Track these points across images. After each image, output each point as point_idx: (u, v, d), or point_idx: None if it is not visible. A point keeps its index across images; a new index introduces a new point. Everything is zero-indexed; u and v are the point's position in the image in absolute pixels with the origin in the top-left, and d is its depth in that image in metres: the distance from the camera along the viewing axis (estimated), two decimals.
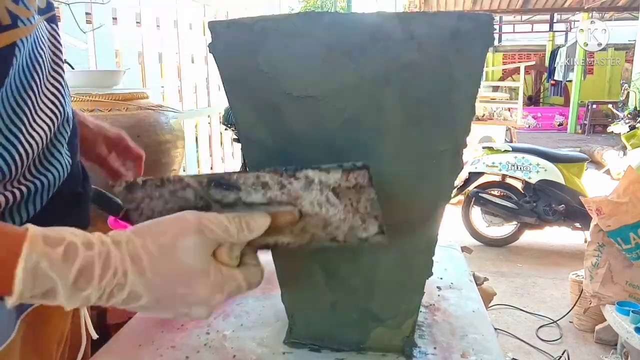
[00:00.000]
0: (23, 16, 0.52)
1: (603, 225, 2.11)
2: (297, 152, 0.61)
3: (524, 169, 3.75)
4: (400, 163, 0.59)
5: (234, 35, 0.58)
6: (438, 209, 0.61)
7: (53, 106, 0.59)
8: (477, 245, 3.91)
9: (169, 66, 2.64)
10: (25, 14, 0.52)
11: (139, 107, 1.35)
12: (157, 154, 1.32)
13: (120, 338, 0.72)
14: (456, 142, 0.57)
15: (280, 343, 0.69)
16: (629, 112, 6.16)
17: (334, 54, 0.56)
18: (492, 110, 6.89)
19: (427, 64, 0.55)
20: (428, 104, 0.56)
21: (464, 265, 0.99)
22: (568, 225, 3.77)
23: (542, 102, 13.05)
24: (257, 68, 0.58)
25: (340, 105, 0.58)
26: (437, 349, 0.67)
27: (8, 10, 0.50)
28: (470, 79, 0.55)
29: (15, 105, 0.52)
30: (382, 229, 0.52)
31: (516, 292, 3.14)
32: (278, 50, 0.57)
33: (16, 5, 0.51)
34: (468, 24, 0.53)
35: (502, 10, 9.69)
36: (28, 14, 0.53)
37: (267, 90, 0.59)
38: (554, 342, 2.58)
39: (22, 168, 0.53)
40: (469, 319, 0.76)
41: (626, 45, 11.39)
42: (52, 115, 0.58)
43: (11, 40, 0.51)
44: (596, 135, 10.48)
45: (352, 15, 0.56)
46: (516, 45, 13.83)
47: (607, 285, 2.17)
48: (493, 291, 1.82)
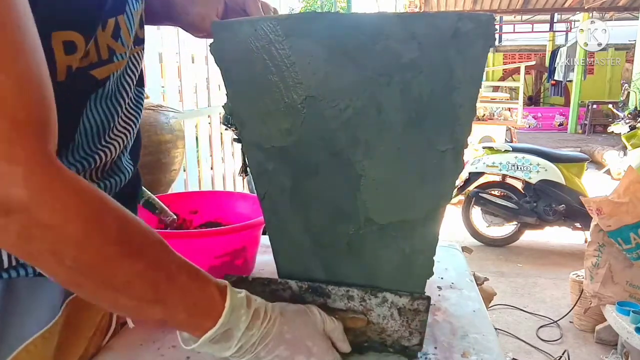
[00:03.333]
0: (118, 52, 0.58)
1: (603, 225, 2.11)
2: (297, 152, 0.61)
3: (524, 169, 3.75)
4: (400, 163, 0.59)
5: (236, 36, 0.58)
6: (439, 208, 0.61)
7: (128, 126, 0.64)
8: (477, 245, 3.91)
9: (169, 66, 2.63)
10: (120, 50, 0.58)
11: None
12: (157, 154, 1.32)
13: (122, 337, 0.72)
14: (457, 142, 0.57)
15: None
16: (629, 112, 6.16)
17: (334, 55, 0.56)
18: (492, 110, 6.90)
19: (428, 64, 0.55)
20: (429, 104, 0.56)
21: (465, 265, 0.99)
22: (568, 225, 3.76)
23: (542, 102, 13.05)
24: (258, 68, 0.59)
25: (341, 105, 0.58)
26: (437, 349, 0.67)
27: (108, 47, 0.56)
28: (471, 79, 0.55)
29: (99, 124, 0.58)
30: (421, 342, 0.64)
31: (516, 292, 3.14)
32: (279, 50, 0.57)
33: (115, 42, 0.57)
34: (468, 24, 0.53)
35: (502, 10, 9.69)
36: (122, 50, 0.58)
37: (269, 90, 0.59)
38: (554, 342, 2.58)
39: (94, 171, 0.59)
40: (469, 319, 0.76)
41: (626, 45, 11.39)
42: (126, 132, 0.64)
43: (108, 73, 0.57)
44: (596, 135, 10.47)
45: (352, 16, 0.56)
46: (516, 45, 13.83)
47: (608, 285, 2.17)
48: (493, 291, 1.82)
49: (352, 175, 0.60)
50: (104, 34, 0.55)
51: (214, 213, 0.99)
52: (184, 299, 0.49)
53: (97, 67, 0.55)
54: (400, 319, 0.63)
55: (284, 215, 0.66)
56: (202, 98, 3.08)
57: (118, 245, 0.44)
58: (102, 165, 0.60)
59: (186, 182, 2.71)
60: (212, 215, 0.99)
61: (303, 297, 0.64)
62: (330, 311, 0.63)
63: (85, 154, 0.57)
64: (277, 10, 0.78)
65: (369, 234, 0.63)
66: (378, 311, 0.63)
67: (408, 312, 0.63)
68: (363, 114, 0.57)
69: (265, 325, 0.54)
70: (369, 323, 0.64)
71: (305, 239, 0.65)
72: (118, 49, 0.58)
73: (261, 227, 0.88)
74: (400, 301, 0.63)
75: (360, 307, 0.64)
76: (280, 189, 0.64)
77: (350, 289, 0.63)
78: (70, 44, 0.49)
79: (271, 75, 0.58)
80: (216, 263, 0.81)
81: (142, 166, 1.28)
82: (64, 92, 0.48)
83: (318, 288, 0.64)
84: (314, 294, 0.64)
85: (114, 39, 0.57)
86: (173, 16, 0.76)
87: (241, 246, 0.84)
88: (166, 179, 1.39)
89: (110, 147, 0.60)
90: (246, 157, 0.65)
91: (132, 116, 0.65)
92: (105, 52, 0.56)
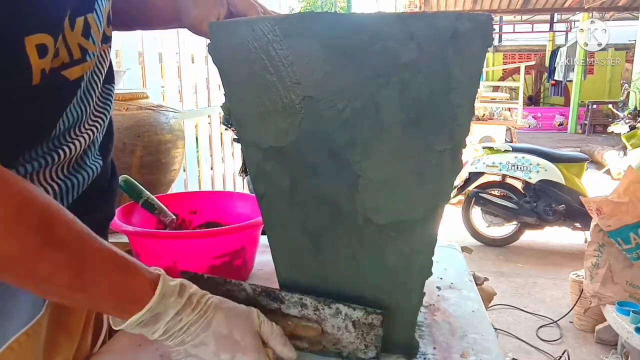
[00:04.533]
0: (90, 51, 0.58)
1: (603, 225, 2.11)
2: (296, 152, 0.61)
3: (524, 169, 3.75)
4: (399, 163, 0.59)
5: (234, 36, 0.58)
6: (438, 208, 0.61)
7: (96, 123, 0.64)
8: (477, 245, 3.91)
9: (169, 66, 2.63)
10: (92, 49, 0.58)
11: (139, 107, 1.35)
12: (157, 154, 1.32)
13: (121, 338, 0.71)
14: (455, 142, 0.57)
15: None
16: (629, 112, 6.15)
17: (333, 55, 0.56)
18: (492, 110, 6.90)
19: (427, 64, 0.55)
20: (427, 104, 0.56)
21: (464, 265, 0.99)
22: (568, 225, 3.77)
23: (542, 102, 13.05)
24: (256, 69, 0.58)
25: (339, 106, 0.58)
26: (436, 349, 0.67)
27: (80, 46, 0.56)
28: (469, 79, 0.55)
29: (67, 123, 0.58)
30: (378, 356, 0.64)
31: (516, 292, 3.15)
32: (277, 51, 0.57)
33: (86, 40, 0.57)
34: (467, 24, 0.53)
35: (502, 10, 9.68)
36: (94, 48, 0.59)
37: (267, 90, 0.59)
38: (554, 342, 2.58)
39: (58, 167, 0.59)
40: (468, 319, 0.76)
41: (626, 45, 11.39)
42: (94, 128, 0.63)
43: (82, 72, 0.57)
44: (596, 135, 10.47)
45: (351, 16, 0.56)
46: (516, 45, 13.83)
47: (608, 285, 2.17)
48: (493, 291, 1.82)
49: (350, 175, 0.60)
50: (74, 33, 0.54)
51: (214, 213, 0.99)
52: (110, 289, 0.51)
53: (69, 67, 0.55)
54: (355, 331, 0.63)
55: (282, 215, 0.66)
56: (202, 98, 3.08)
57: (39, 236, 0.46)
58: (67, 161, 0.59)
59: (186, 182, 2.71)
60: (211, 215, 0.99)
61: (257, 300, 0.64)
62: (284, 317, 0.64)
63: (48, 149, 0.56)
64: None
65: (368, 235, 0.63)
66: (332, 322, 0.64)
67: (362, 325, 0.63)
68: (361, 114, 0.57)
69: (197, 312, 0.55)
70: (323, 332, 0.64)
71: (304, 239, 0.65)
72: (90, 47, 0.58)
73: (260, 227, 0.88)
74: (354, 314, 0.63)
75: (314, 315, 0.64)
76: (278, 189, 0.64)
77: (304, 297, 0.63)
78: (42, 47, 0.49)
79: (269, 75, 0.58)
80: (216, 263, 0.81)
81: (142, 166, 1.28)
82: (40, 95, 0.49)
83: (272, 293, 0.64)
84: (268, 298, 0.64)
85: (84, 37, 0.56)
86: (180, 18, 0.77)
87: (240, 246, 0.84)
88: (166, 179, 1.39)
89: (75, 143, 0.59)
90: (244, 157, 0.65)
91: (101, 113, 0.65)
92: (77, 51, 0.55)
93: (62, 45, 0.53)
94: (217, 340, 0.55)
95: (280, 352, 0.60)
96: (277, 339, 0.60)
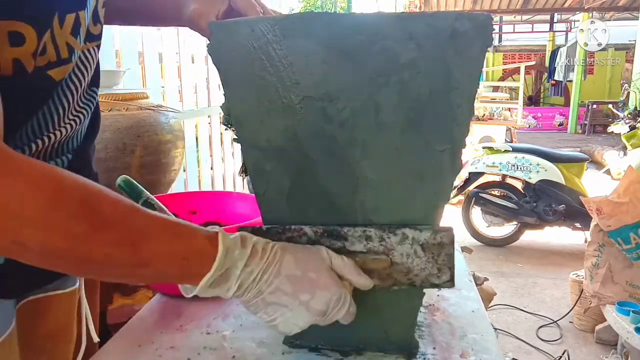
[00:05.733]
0: (77, 50, 0.56)
1: (603, 225, 2.11)
2: (295, 152, 0.61)
3: (524, 169, 3.75)
4: (399, 163, 0.59)
5: (233, 37, 0.58)
6: (437, 208, 0.61)
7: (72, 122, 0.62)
8: (477, 245, 3.91)
9: (169, 66, 2.63)
10: (78, 48, 0.57)
11: (139, 107, 1.35)
12: (157, 154, 1.32)
13: (120, 338, 0.71)
14: (455, 142, 0.57)
15: (280, 344, 0.69)
16: (629, 112, 6.16)
17: (332, 55, 0.56)
18: (492, 110, 6.90)
19: (426, 64, 0.55)
20: (427, 104, 0.56)
21: (464, 265, 0.99)
22: (568, 225, 3.76)
23: (542, 102, 13.04)
24: (256, 69, 0.58)
25: (339, 106, 0.58)
26: (436, 349, 0.67)
27: (68, 45, 0.54)
28: (469, 79, 0.55)
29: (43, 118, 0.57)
30: (452, 278, 0.61)
31: (516, 292, 3.14)
32: (276, 51, 0.57)
33: (74, 39, 0.55)
34: (466, 24, 0.53)
35: (502, 10, 9.68)
36: (79, 47, 0.57)
37: (266, 91, 0.59)
38: (554, 342, 2.57)
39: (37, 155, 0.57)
40: (468, 319, 0.76)
41: (626, 45, 11.38)
42: (68, 126, 0.62)
43: (66, 72, 0.55)
44: (596, 135, 10.47)
45: (351, 16, 0.56)
46: (516, 45, 13.83)
47: (608, 285, 2.17)
48: (493, 291, 1.82)
49: (350, 175, 0.60)
50: (62, 31, 0.52)
51: (214, 213, 0.99)
52: (171, 258, 0.49)
53: (55, 67, 0.53)
54: (425, 255, 0.61)
55: (282, 215, 0.65)
56: (202, 98, 3.08)
57: (85, 220, 0.43)
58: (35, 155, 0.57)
59: (186, 182, 2.71)
60: (211, 215, 0.99)
61: (320, 242, 0.62)
62: (350, 255, 0.60)
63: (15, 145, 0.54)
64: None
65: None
66: (400, 250, 0.61)
67: (432, 246, 0.60)
68: (361, 114, 0.57)
69: (265, 260, 0.53)
70: (392, 264, 0.61)
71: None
72: (77, 46, 0.56)
73: None
74: (422, 236, 0.60)
75: (380, 247, 0.61)
76: (278, 189, 0.64)
77: (367, 229, 0.61)
78: (16, 35, 0.46)
79: (269, 75, 0.58)
80: None
81: (142, 166, 1.28)
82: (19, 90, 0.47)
83: (334, 231, 0.61)
84: (331, 238, 0.61)
85: (73, 36, 0.54)
86: (182, 12, 0.76)
87: None
88: (166, 179, 1.39)
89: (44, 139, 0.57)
90: (244, 157, 0.64)
91: (75, 117, 0.63)
92: (64, 50, 0.53)
93: (49, 42, 0.51)
94: (293, 283, 0.53)
95: (356, 282, 0.58)
96: (350, 270, 0.58)
